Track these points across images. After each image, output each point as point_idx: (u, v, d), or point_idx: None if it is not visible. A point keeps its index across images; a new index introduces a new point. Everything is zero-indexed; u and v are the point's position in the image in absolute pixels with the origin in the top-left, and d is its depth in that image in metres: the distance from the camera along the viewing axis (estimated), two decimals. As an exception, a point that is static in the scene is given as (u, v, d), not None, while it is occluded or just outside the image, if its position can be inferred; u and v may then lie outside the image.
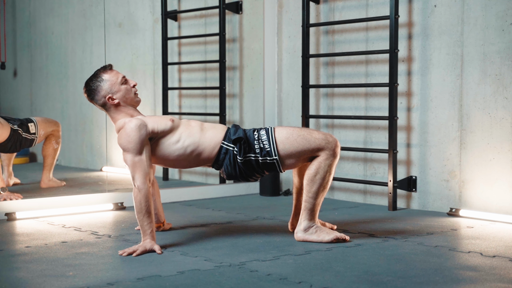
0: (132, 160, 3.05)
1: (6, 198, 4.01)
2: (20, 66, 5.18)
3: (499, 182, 3.79)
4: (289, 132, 3.19)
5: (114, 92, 3.18)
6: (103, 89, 3.17)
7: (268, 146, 3.16)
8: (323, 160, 3.15)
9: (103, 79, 3.18)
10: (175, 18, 5.42)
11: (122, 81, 3.20)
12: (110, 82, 3.18)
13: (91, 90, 3.19)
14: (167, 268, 2.73)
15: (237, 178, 3.22)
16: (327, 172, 3.17)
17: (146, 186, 3.04)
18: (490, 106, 3.81)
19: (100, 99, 3.18)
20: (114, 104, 3.18)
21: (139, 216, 3.03)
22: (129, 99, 3.21)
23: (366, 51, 4.31)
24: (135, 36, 5.48)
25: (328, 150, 3.16)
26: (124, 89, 3.20)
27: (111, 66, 3.24)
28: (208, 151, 3.19)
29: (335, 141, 3.19)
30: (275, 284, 2.50)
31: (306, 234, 3.21)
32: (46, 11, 5.32)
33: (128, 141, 3.06)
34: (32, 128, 4.47)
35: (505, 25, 3.74)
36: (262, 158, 3.16)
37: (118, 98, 3.18)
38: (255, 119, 5.04)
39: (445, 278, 2.58)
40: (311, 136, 3.17)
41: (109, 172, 4.94)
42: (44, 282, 2.54)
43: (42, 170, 4.61)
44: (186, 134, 3.19)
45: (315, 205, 3.19)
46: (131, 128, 3.07)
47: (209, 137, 3.20)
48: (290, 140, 3.16)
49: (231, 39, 5.15)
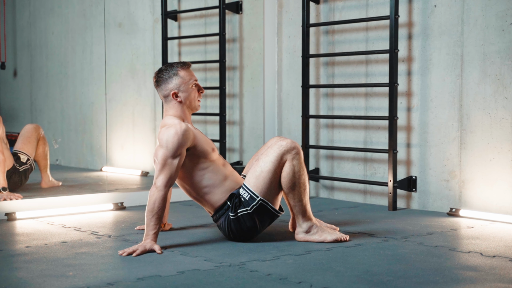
0: (164, 159, 3.05)
1: (6, 198, 4.01)
2: (20, 66, 5.18)
3: (499, 182, 3.79)
4: (253, 171, 3.17)
5: (182, 91, 3.20)
6: (173, 83, 3.19)
7: (247, 195, 3.15)
8: (291, 161, 3.13)
9: (177, 73, 3.20)
10: (175, 18, 5.42)
11: (193, 84, 3.22)
12: (183, 80, 3.20)
13: (162, 79, 3.21)
14: (167, 268, 2.73)
15: (229, 236, 3.22)
16: (300, 171, 3.15)
17: (166, 189, 3.05)
18: (490, 106, 3.81)
19: (166, 91, 3.21)
20: (176, 100, 3.20)
21: (148, 215, 3.03)
22: (191, 103, 3.24)
23: (366, 51, 4.31)
24: (135, 36, 5.48)
25: (289, 151, 3.13)
26: (191, 92, 3.22)
27: (189, 65, 3.26)
28: (216, 198, 3.20)
29: (289, 141, 3.16)
30: (275, 284, 2.50)
31: (307, 235, 3.21)
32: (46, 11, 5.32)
33: (171, 140, 3.06)
34: (23, 158, 4.48)
35: (505, 25, 3.74)
36: (251, 207, 3.15)
37: (182, 98, 3.21)
38: (255, 119, 5.04)
39: (445, 278, 2.58)
40: (268, 156, 3.15)
41: (109, 172, 4.94)
42: (44, 282, 2.54)
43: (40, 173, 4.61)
44: (212, 169, 3.19)
45: (305, 205, 3.19)
46: (179, 131, 3.07)
47: (226, 186, 3.21)
48: (259, 177, 3.14)
49: (231, 39, 5.15)
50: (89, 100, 5.28)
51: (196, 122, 5.37)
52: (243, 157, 5.12)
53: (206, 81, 5.34)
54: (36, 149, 4.56)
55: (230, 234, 3.20)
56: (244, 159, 5.11)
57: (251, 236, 3.22)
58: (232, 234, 3.19)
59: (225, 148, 5.04)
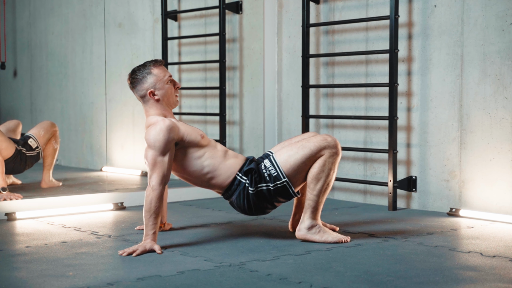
0: (154, 159, 3.06)
1: (6, 198, 4.01)
2: (20, 66, 5.18)
3: (499, 182, 3.79)
4: (288, 150, 3.20)
5: (158, 88, 3.19)
6: (148, 82, 3.19)
7: (274, 171, 3.17)
8: (327, 157, 3.16)
9: (151, 72, 3.19)
10: (175, 18, 5.42)
11: (168, 80, 3.22)
12: (157, 77, 3.20)
13: (136, 79, 3.20)
14: (167, 268, 2.73)
15: (245, 211, 3.24)
16: (331, 170, 3.18)
17: (161, 188, 3.05)
18: (490, 106, 3.81)
19: (142, 91, 3.20)
20: (154, 99, 3.20)
21: (146, 215, 3.04)
22: (169, 99, 3.23)
23: (366, 51, 4.31)
24: (135, 36, 5.48)
25: (330, 148, 3.17)
26: (167, 88, 3.22)
27: (162, 62, 3.26)
28: (222, 178, 3.21)
29: (334, 139, 3.20)
30: (275, 284, 2.50)
31: (308, 233, 3.21)
32: (46, 11, 5.32)
33: (156, 139, 3.06)
34: (33, 143, 4.48)
35: (505, 25, 3.74)
36: (273, 184, 3.17)
37: (159, 95, 3.20)
38: (255, 119, 5.04)
39: (445, 278, 2.58)
40: (309, 142, 3.18)
41: (109, 172, 4.94)
42: (44, 282, 2.54)
43: (42, 170, 4.61)
44: (209, 155, 3.21)
45: (318, 204, 3.19)
46: (162, 128, 3.07)
47: (228, 165, 3.22)
48: (292, 157, 3.17)
49: (231, 39, 5.15)
50: (89, 100, 5.28)
51: (196, 122, 5.37)
52: (243, 157, 5.12)
53: (206, 81, 5.34)
54: (47, 144, 4.57)
55: (245, 208, 3.20)
56: (244, 159, 5.11)
57: (266, 210, 3.25)
58: (248, 207, 3.20)
59: (225, 148, 5.04)
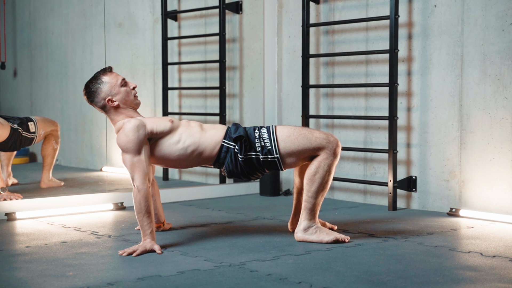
0: (131, 161, 3.06)
1: (6, 198, 4.01)
2: (20, 66, 5.18)
3: (499, 182, 3.79)
4: (290, 130, 3.20)
5: (114, 94, 3.19)
6: (103, 91, 3.18)
7: (269, 144, 3.16)
8: (323, 159, 3.16)
9: (102, 81, 3.19)
10: (175, 18, 5.42)
11: (121, 83, 3.21)
12: (110, 84, 3.19)
13: (90, 92, 3.20)
14: (167, 268, 2.73)
15: (238, 176, 3.23)
16: (327, 172, 3.17)
17: (145, 186, 3.04)
18: (490, 106, 3.81)
19: (100, 101, 3.19)
20: (113, 106, 3.19)
21: (139, 216, 3.04)
22: (129, 101, 3.22)
23: (366, 51, 4.31)
24: (135, 36, 5.48)
25: (328, 149, 3.16)
26: (123, 91, 3.21)
27: (111, 68, 3.25)
28: (208, 150, 3.20)
29: (336, 141, 3.19)
30: (275, 284, 2.50)
31: (306, 234, 3.21)
32: (46, 11, 5.32)
33: (127, 141, 3.06)
34: (32, 127, 4.47)
35: (505, 25, 3.74)
36: (263, 156, 3.16)
37: (118, 100, 3.19)
38: (255, 119, 5.04)
39: (445, 278, 2.58)
40: (312, 135, 3.18)
41: (109, 172, 4.94)
42: (44, 282, 2.54)
43: (42, 170, 4.61)
44: (186, 135, 3.19)
45: (315, 205, 3.19)
46: (130, 129, 3.08)
47: (209, 136, 3.21)
48: (291, 138, 3.17)
49: (231, 39, 5.15)
50: (89, 100, 5.27)
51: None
52: (243, 157, 5.12)
53: (206, 81, 5.34)
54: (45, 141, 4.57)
55: (238, 172, 3.20)
56: (244, 159, 5.11)
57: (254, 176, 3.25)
58: (241, 172, 3.19)
59: (225, 148, 5.04)
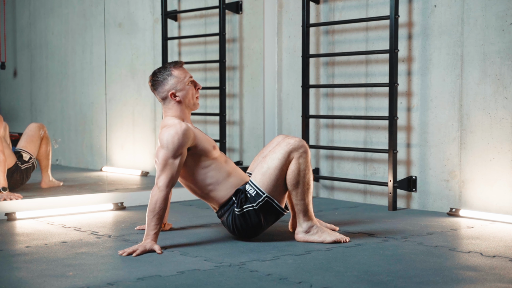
0: (165, 160, 3.06)
1: (6, 198, 4.01)
2: (20, 66, 5.18)
3: (499, 182, 3.79)
4: (260, 168, 3.19)
5: (178, 90, 3.20)
6: (169, 83, 3.20)
7: (254, 191, 3.16)
8: (297, 159, 3.14)
9: (171, 73, 3.20)
10: (175, 18, 5.42)
11: (188, 81, 3.22)
12: (178, 79, 3.20)
13: (157, 81, 3.21)
14: (167, 268, 2.73)
15: (233, 232, 3.23)
16: (305, 170, 3.16)
17: (167, 190, 3.06)
18: (490, 106, 3.81)
19: (163, 92, 3.21)
20: (175, 100, 3.20)
21: (149, 215, 3.04)
22: (190, 101, 3.24)
23: (366, 51, 4.31)
24: (135, 36, 5.48)
25: (296, 150, 3.15)
26: (188, 89, 3.22)
27: (182, 63, 3.27)
28: (221, 194, 3.21)
29: (299, 139, 3.17)
30: (275, 284, 2.50)
31: (307, 235, 3.21)
32: (46, 11, 5.32)
33: (171, 141, 3.06)
34: (26, 156, 4.48)
35: (505, 25, 3.74)
36: (256, 203, 3.16)
37: (180, 97, 3.21)
38: (255, 119, 5.04)
39: (445, 278, 2.58)
40: (275, 153, 3.17)
41: (109, 172, 4.94)
42: (44, 282, 2.54)
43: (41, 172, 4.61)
44: (215, 167, 3.20)
45: (306, 205, 3.19)
46: (179, 131, 3.07)
47: (230, 182, 3.22)
48: (266, 173, 3.16)
49: (231, 39, 5.15)
50: (89, 100, 5.28)
51: (196, 122, 5.37)
52: (243, 157, 5.12)
53: (206, 81, 5.34)
54: (39, 148, 4.57)
55: (234, 230, 3.21)
56: (244, 159, 5.12)
57: (255, 233, 3.23)
58: (236, 229, 3.20)
59: (225, 148, 5.04)
